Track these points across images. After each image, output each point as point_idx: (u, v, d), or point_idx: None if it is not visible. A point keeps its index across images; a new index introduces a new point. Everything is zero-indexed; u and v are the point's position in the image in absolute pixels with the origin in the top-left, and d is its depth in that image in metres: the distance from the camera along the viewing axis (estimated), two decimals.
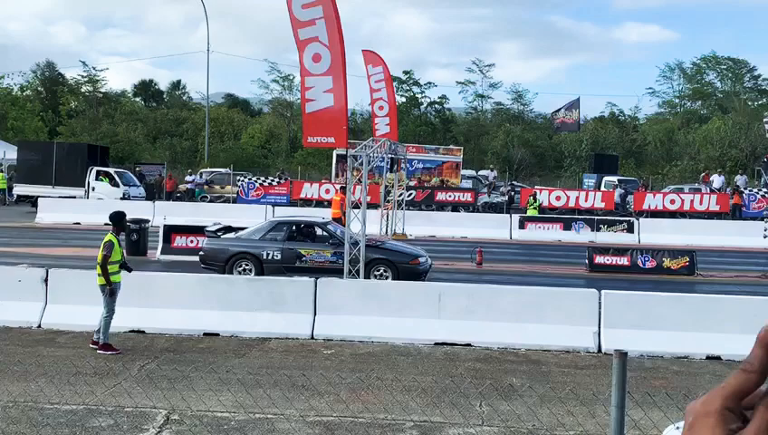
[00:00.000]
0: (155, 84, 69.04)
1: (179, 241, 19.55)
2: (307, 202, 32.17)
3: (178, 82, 69.54)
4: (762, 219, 23.31)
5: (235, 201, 33.26)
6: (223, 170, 39.11)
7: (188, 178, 38.57)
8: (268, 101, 65.11)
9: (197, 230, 19.78)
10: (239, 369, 9.71)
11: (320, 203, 31.48)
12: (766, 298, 12.41)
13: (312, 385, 9.09)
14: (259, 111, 67.41)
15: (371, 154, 14.12)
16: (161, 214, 23.94)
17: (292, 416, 8.03)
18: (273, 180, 34.43)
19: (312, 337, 11.27)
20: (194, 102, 66.51)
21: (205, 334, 11.36)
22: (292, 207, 30.49)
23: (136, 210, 22.92)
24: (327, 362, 10.19)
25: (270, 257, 15.43)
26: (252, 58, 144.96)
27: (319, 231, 16.32)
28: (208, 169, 41.32)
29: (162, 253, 19.33)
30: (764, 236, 18.99)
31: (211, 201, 34.34)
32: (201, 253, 16.11)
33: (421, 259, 15.74)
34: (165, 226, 19.95)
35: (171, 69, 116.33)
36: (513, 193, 34.83)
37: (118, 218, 10.71)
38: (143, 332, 11.35)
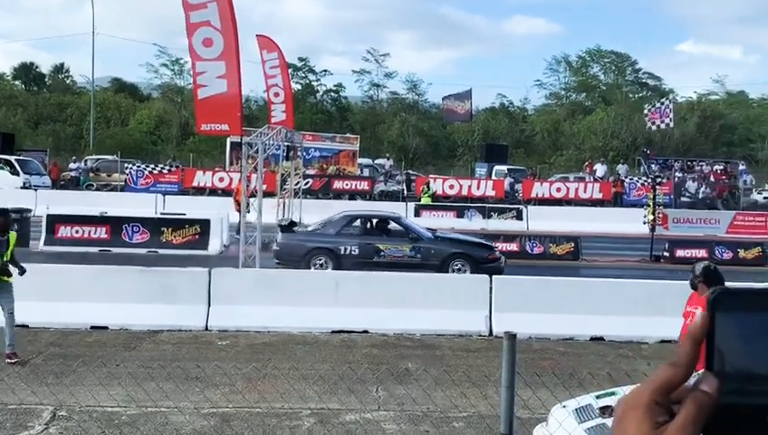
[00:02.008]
0: (36, 67, 65.38)
1: (64, 231, 18.69)
2: (200, 191, 31.42)
3: (61, 65, 66.11)
4: (641, 206, 24.58)
5: (122, 190, 32.07)
6: (110, 157, 37.60)
7: (73, 165, 36.85)
8: (158, 85, 62.99)
9: (83, 220, 18.99)
10: (130, 362, 9.43)
11: (213, 192, 30.83)
12: (646, 281, 13.11)
13: (206, 377, 8.94)
14: (148, 96, 65.10)
15: (267, 142, 13.94)
16: (44, 203, 22.79)
17: (186, 408, 7.88)
18: (163, 168, 33.41)
19: (207, 328, 11.07)
20: (78, 87, 63.51)
21: (92, 328, 10.95)
22: (183, 196, 29.71)
23: (16, 199, 21.74)
24: (222, 353, 10.04)
25: (347, 252, 15.24)
26: (140, 41, 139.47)
27: (394, 225, 16.21)
28: (94, 156, 39.63)
29: (45, 244, 18.43)
30: (644, 223, 20.03)
31: (97, 189, 32.96)
32: (276, 248, 15.61)
33: (497, 253, 15.81)
34: (48, 215, 19.01)
35: (53, 52, 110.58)
36: (408, 182, 35.26)
37: None
38: (26, 326, 10.80)
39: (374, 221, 16.36)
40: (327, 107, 60.97)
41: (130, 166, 33.69)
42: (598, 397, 6.25)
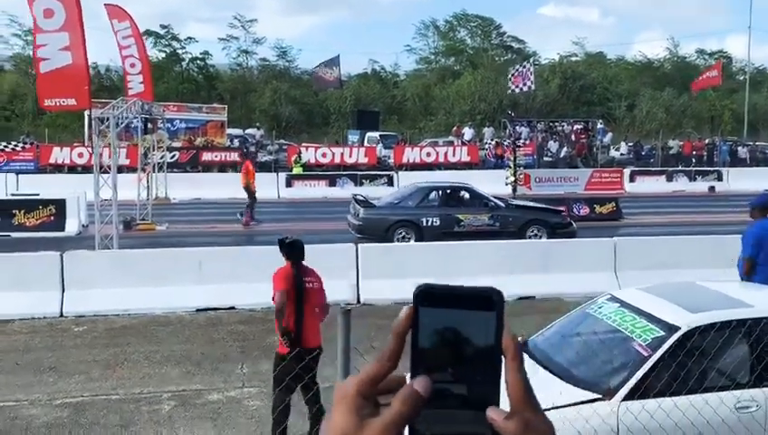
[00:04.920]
0: None
1: None
2: (58, 168, 29.71)
3: None
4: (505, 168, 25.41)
5: None
6: None
7: None
8: (9, 57, 58.77)
9: None
10: None
11: (72, 169, 29.21)
12: (504, 242, 13.61)
13: (60, 366, 8.58)
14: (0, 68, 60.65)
15: (119, 115, 13.28)
16: None
17: (38, 400, 7.53)
18: (16, 145, 31.31)
19: (62, 314, 10.55)
20: None
21: None
22: (41, 174, 28.04)
23: None
24: (78, 340, 9.62)
25: (429, 224, 15.53)
26: None
27: (467, 195, 16.52)
28: None
29: None
30: (506, 184, 20.76)
31: None
32: (358, 223, 15.73)
33: (568, 219, 16.46)
34: None
35: None
36: (280, 151, 34.77)
37: None
38: None
39: (450, 192, 16.69)
40: (194, 76, 58.92)
41: None
42: None
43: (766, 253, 7.56)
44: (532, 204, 17.51)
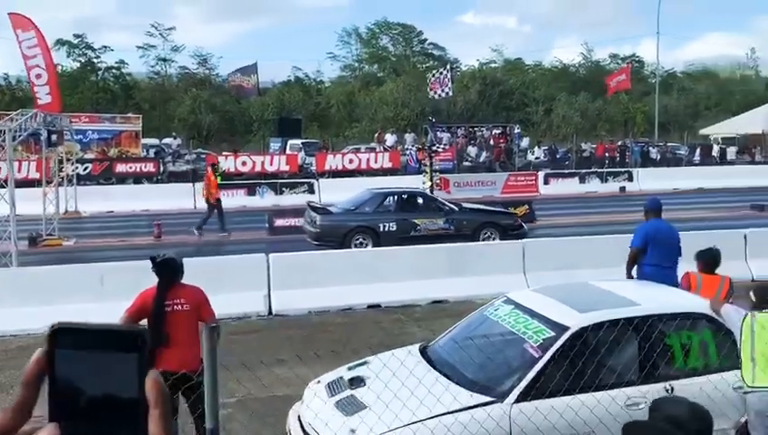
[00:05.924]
0: None
1: None
2: None
3: None
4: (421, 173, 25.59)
5: None
6: None
7: None
8: None
9: None
10: None
11: None
12: (418, 247, 13.65)
13: None
14: None
15: (16, 128, 12.76)
16: None
17: None
18: None
19: None
20: None
21: None
22: None
23: None
24: None
25: (386, 229, 15.67)
26: None
27: (422, 200, 16.82)
28: None
29: None
30: (423, 189, 20.87)
31: None
32: (316, 230, 15.61)
33: (519, 221, 16.84)
34: None
35: None
36: (198, 160, 34.10)
37: None
38: None
39: (406, 197, 16.78)
40: (110, 85, 57.36)
41: None
42: (350, 368, 6.39)
43: (653, 249, 7.85)
44: (485, 207, 17.84)
